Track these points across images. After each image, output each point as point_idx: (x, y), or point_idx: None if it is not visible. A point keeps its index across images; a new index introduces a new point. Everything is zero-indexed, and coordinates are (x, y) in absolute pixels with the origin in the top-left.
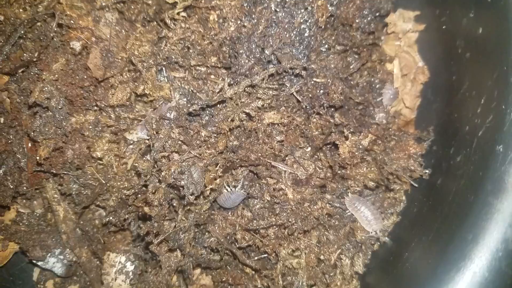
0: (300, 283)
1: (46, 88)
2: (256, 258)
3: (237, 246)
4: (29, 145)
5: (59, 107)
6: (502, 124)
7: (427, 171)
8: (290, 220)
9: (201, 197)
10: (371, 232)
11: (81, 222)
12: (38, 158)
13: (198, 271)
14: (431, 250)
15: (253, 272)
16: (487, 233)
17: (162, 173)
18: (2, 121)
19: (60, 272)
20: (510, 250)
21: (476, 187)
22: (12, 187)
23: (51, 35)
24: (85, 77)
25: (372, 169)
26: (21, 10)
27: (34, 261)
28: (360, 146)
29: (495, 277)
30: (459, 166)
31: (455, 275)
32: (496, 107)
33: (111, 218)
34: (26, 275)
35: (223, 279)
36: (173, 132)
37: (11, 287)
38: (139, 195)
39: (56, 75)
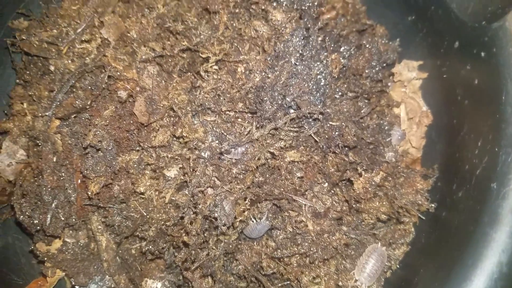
0: None
1: (98, 132)
2: (279, 285)
3: (263, 273)
4: (79, 181)
5: (109, 148)
6: (495, 165)
7: (433, 205)
8: (311, 249)
9: (231, 227)
10: (357, 281)
11: (120, 251)
12: (89, 193)
13: None
14: (437, 275)
15: None
16: (484, 259)
17: (199, 206)
18: (54, 160)
19: None
20: (504, 273)
21: (475, 219)
22: (63, 219)
23: (102, 86)
24: (131, 122)
25: (384, 203)
26: (70, 61)
27: (76, 287)
28: (373, 183)
29: None
30: (461, 201)
31: None
32: (490, 150)
33: (150, 247)
34: None
35: None
36: (208, 170)
37: None
38: (176, 226)
39: (107, 121)
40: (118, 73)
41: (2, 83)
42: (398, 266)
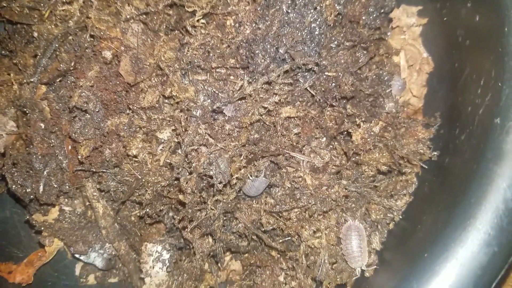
0: (322, 261)
1: (84, 93)
2: (280, 241)
3: (263, 230)
4: (70, 147)
5: (96, 110)
6: (499, 99)
7: (435, 153)
8: (310, 202)
9: (228, 186)
10: (355, 269)
11: (119, 218)
12: (79, 157)
13: (228, 257)
14: (440, 217)
15: (279, 255)
16: (488, 196)
17: (193, 165)
18: (43, 127)
19: (100, 266)
20: (510, 209)
21: (478, 157)
22: (56, 186)
23: (85, 45)
24: (118, 82)
25: (384, 154)
26: (53, 26)
27: (76, 256)
28: (372, 133)
29: (498, 233)
30: (464, 143)
31: (461, 233)
32: (493, 86)
33: (147, 210)
34: (69, 270)
35: (251, 262)
36: (200, 128)
37: (56, 282)
38: (172, 188)
39: (92, 82)
40: (102, 33)
41: None
42: (401, 217)
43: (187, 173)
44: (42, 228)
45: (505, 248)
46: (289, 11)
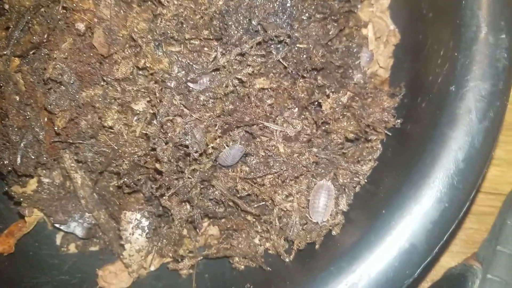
0: (294, 223)
1: (58, 65)
2: (255, 205)
3: (239, 196)
4: (46, 119)
5: (71, 82)
6: (454, 68)
7: (399, 120)
8: (282, 168)
9: (204, 156)
10: (314, 221)
11: (97, 188)
12: (56, 128)
13: (206, 224)
14: (398, 178)
15: (254, 219)
16: (442, 157)
17: (169, 135)
18: (18, 99)
19: (81, 234)
20: (460, 169)
21: (435, 122)
22: (33, 157)
23: (58, 17)
24: (91, 54)
25: (351, 123)
26: None
27: (57, 226)
28: (340, 102)
29: (449, 191)
30: (424, 111)
31: (416, 191)
32: (451, 56)
33: (125, 179)
34: (50, 240)
35: (228, 227)
36: (175, 99)
37: (37, 252)
38: (149, 158)
39: (66, 54)
40: (74, 5)
41: None
42: (366, 181)
43: (163, 143)
44: (22, 199)
45: (455, 204)
46: None
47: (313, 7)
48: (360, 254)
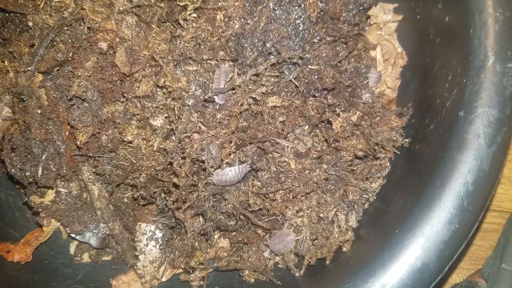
0: (304, 238)
1: (82, 83)
2: (266, 220)
3: (250, 210)
4: (67, 133)
5: (94, 98)
6: (463, 94)
7: (407, 140)
8: (294, 184)
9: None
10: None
11: (112, 199)
12: (78, 143)
13: (217, 236)
14: (409, 198)
15: (264, 232)
16: (452, 180)
17: (186, 150)
18: (39, 112)
19: (95, 244)
20: (469, 191)
21: (444, 146)
22: (54, 170)
23: (83, 37)
24: (113, 73)
25: (360, 141)
26: (48, 16)
27: (73, 235)
28: (350, 121)
29: (459, 212)
30: (432, 132)
31: (428, 212)
32: (459, 82)
33: (142, 192)
34: (64, 249)
35: (239, 240)
36: (193, 116)
37: (52, 260)
38: (166, 171)
39: (90, 72)
40: (97, 25)
41: None
42: (375, 198)
43: (180, 158)
44: (40, 210)
45: (465, 225)
46: (275, 8)
47: (323, 30)
48: (375, 272)
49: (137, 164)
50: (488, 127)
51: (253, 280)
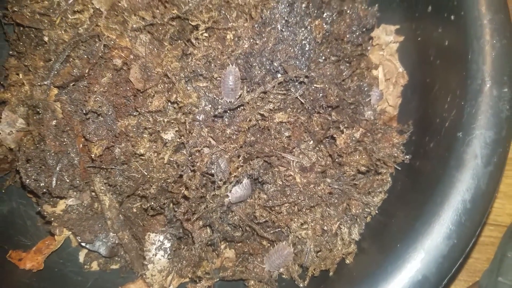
0: (308, 250)
1: (98, 98)
2: (271, 232)
3: (256, 222)
4: (81, 145)
5: (109, 113)
6: (461, 116)
7: (408, 156)
8: (299, 198)
9: (227, 183)
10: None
11: (122, 210)
12: (92, 155)
13: (223, 246)
14: (410, 214)
15: (269, 244)
16: (451, 197)
17: (197, 164)
18: (54, 124)
19: (104, 253)
20: (467, 209)
21: (444, 164)
22: (68, 181)
23: (99, 54)
24: (128, 88)
25: (363, 156)
26: (63, 31)
27: (83, 244)
28: (353, 138)
29: (457, 228)
30: (432, 150)
31: (428, 228)
32: (458, 103)
33: (152, 203)
34: (73, 258)
35: (244, 250)
36: (203, 131)
37: (62, 268)
38: (175, 184)
39: (105, 88)
40: (112, 42)
41: None
42: (377, 211)
43: (189, 171)
44: (52, 219)
45: (463, 240)
46: (283, 29)
47: (328, 50)
48: (378, 284)
49: (148, 176)
50: (485, 148)
51: None
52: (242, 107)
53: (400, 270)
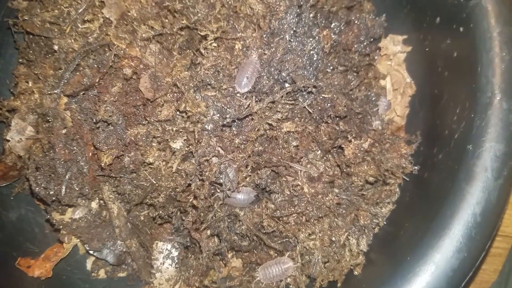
0: (316, 260)
1: (108, 107)
2: (279, 242)
3: (264, 232)
4: (90, 154)
5: (119, 122)
6: (471, 129)
7: (416, 167)
8: (307, 209)
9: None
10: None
11: (130, 218)
12: (102, 164)
13: (230, 255)
14: (420, 226)
15: (276, 254)
16: (461, 210)
17: (206, 173)
18: (64, 132)
19: (112, 261)
20: (477, 222)
21: (453, 177)
22: (77, 189)
23: (109, 64)
24: (138, 98)
25: (371, 167)
26: (73, 40)
27: (90, 252)
28: (362, 148)
29: (467, 242)
30: (441, 162)
31: (438, 241)
32: (467, 116)
33: (160, 212)
34: (81, 265)
35: (252, 260)
36: (212, 141)
37: (70, 276)
38: (183, 193)
39: (116, 97)
40: (122, 52)
41: (5, 63)
42: (385, 222)
43: (198, 180)
44: (61, 227)
45: (473, 253)
46: (291, 40)
47: (336, 60)
48: None
49: (157, 185)
50: (495, 161)
51: None
52: (250, 117)
53: (410, 284)
